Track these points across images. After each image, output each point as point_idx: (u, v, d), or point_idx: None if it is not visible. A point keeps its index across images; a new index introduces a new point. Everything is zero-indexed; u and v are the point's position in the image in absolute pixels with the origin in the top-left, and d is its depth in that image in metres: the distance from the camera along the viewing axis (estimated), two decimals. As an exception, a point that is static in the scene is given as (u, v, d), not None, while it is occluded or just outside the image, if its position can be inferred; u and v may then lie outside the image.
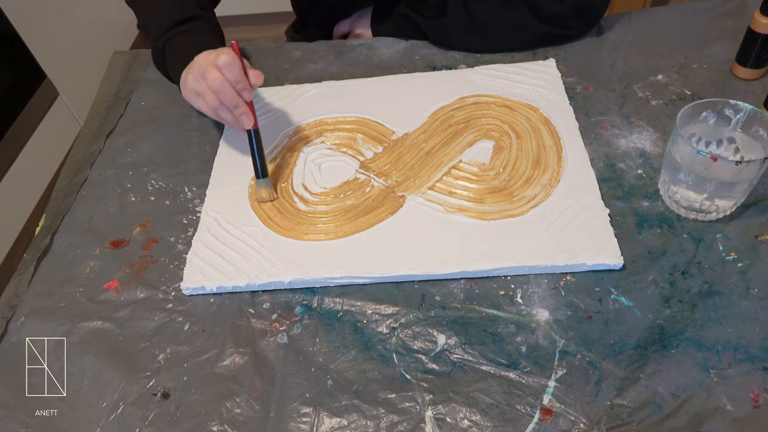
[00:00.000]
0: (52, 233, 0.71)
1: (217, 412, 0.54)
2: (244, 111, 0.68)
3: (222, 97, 0.67)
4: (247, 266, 0.63)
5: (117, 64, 0.96)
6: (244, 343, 0.59)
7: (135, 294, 0.64)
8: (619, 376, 0.53)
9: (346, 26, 1.01)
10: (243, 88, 0.67)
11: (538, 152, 0.71)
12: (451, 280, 0.61)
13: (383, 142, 0.75)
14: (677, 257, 0.61)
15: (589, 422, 0.51)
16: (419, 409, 0.53)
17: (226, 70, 0.66)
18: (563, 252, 0.60)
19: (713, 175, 0.58)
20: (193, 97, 0.71)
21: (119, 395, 0.56)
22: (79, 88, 1.88)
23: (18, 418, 0.56)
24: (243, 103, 0.68)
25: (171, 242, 0.69)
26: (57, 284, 0.66)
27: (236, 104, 0.67)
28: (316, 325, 0.60)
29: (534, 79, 0.81)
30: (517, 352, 0.55)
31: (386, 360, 0.56)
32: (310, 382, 0.56)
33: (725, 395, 0.51)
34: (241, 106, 0.67)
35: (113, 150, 0.82)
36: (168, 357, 0.59)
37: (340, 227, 0.66)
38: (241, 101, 0.67)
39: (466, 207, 0.66)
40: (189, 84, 0.70)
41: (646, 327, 0.56)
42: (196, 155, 0.79)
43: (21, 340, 0.62)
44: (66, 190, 0.77)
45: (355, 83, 0.85)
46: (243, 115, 0.68)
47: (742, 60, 0.76)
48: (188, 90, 0.71)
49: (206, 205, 0.71)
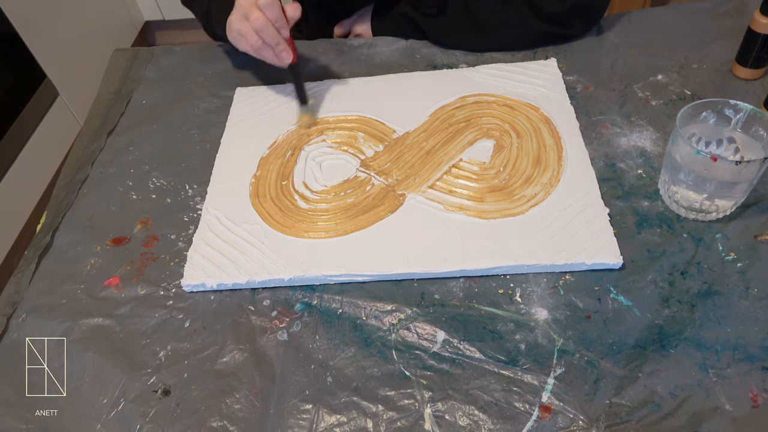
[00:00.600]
0: (53, 231, 0.72)
1: (217, 409, 0.55)
2: (284, 48, 0.73)
3: (264, 36, 0.72)
4: (247, 264, 0.64)
5: (117, 62, 0.96)
6: (244, 340, 0.59)
7: (136, 291, 0.64)
8: (618, 375, 0.53)
9: (347, 26, 1.01)
10: (282, 26, 0.72)
11: (538, 151, 0.71)
12: (451, 278, 0.62)
13: (384, 141, 0.76)
14: (677, 257, 0.61)
15: (587, 420, 0.51)
16: (418, 406, 0.53)
17: (267, 10, 0.71)
18: (563, 251, 0.61)
19: (713, 175, 0.58)
20: (237, 38, 0.76)
21: (120, 392, 0.57)
22: (79, 87, 1.88)
23: (19, 415, 0.56)
24: (282, 41, 0.73)
25: (172, 239, 0.69)
26: (58, 281, 0.67)
27: (277, 41, 0.72)
28: (315, 322, 0.60)
29: (535, 78, 0.81)
30: (516, 350, 0.56)
31: (386, 357, 0.56)
32: (309, 379, 0.56)
33: (724, 395, 0.51)
34: (281, 43, 0.73)
35: (114, 148, 0.82)
36: (168, 354, 0.59)
37: (340, 225, 0.66)
38: (280, 38, 0.73)
39: (466, 206, 0.66)
40: (233, 25, 0.74)
41: (645, 326, 0.56)
42: (197, 153, 0.79)
43: (22, 337, 0.62)
44: (67, 188, 0.77)
45: (355, 82, 0.85)
46: (283, 51, 0.73)
47: (742, 60, 0.76)
48: (233, 31, 0.75)
49: (207, 203, 0.71)
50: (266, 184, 0.72)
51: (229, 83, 0.89)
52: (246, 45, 0.74)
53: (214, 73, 0.91)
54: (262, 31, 0.71)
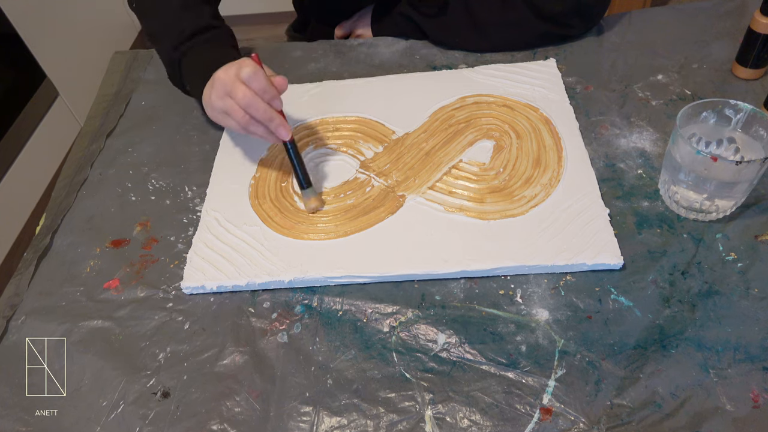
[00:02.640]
0: (53, 232, 0.72)
1: (217, 411, 0.55)
2: (280, 122, 0.65)
3: (254, 112, 0.64)
4: (247, 265, 0.64)
5: (117, 64, 0.96)
6: (244, 342, 0.59)
7: (135, 293, 0.64)
8: (619, 375, 0.53)
9: (347, 27, 1.01)
10: (272, 98, 0.65)
11: (538, 152, 0.71)
12: (451, 279, 0.61)
13: (383, 142, 0.76)
14: (677, 257, 0.61)
15: (588, 422, 0.51)
16: (419, 409, 0.53)
17: (252, 83, 0.63)
18: (563, 252, 0.60)
19: (713, 175, 0.58)
20: (220, 117, 0.68)
21: (119, 394, 0.56)
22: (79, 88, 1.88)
23: (18, 417, 0.56)
24: (277, 115, 0.65)
25: (171, 241, 0.69)
26: (57, 283, 0.66)
27: (270, 117, 0.64)
28: (316, 324, 0.60)
29: (534, 78, 0.81)
30: (516, 351, 0.55)
31: (386, 359, 0.56)
32: (310, 381, 0.56)
33: (725, 395, 0.51)
34: (275, 118, 0.65)
35: (114, 149, 0.82)
36: (168, 356, 0.59)
37: (340, 227, 0.66)
38: (273, 112, 0.65)
39: (467, 207, 0.66)
40: (214, 104, 0.67)
41: (646, 327, 0.56)
42: (196, 154, 0.79)
43: (21, 339, 0.62)
44: (66, 190, 0.77)
45: (355, 83, 0.85)
46: (279, 126, 0.65)
47: (742, 60, 0.76)
48: (214, 110, 0.68)
49: (206, 205, 0.71)
50: (266, 186, 0.72)
51: (229, 84, 0.89)
52: (232, 123, 0.66)
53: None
54: (250, 107, 0.63)
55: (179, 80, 0.80)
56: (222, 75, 0.66)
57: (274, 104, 0.65)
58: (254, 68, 0.64)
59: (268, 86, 0.64)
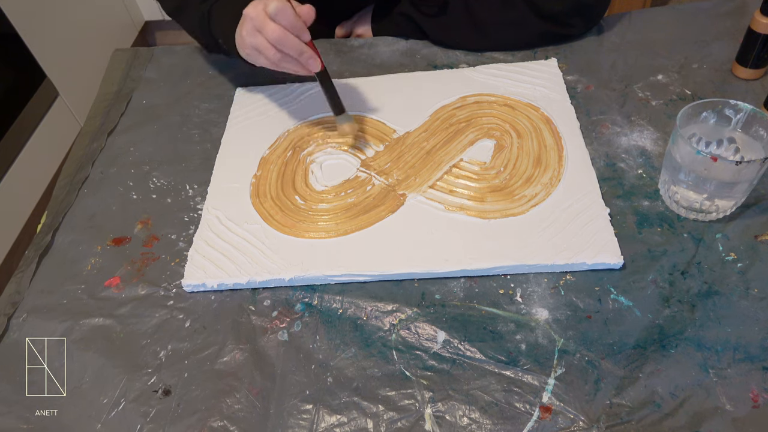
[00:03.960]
0: (54, 231, 0.72)
1: (218, 409, 0.55)
2: (310, 55, 0.66)
3: (284, 47, 0.65)
4: (248, 263, 0.64)
5: (118, 62, 0.96)
6: (245, 340, 0.59)
7: (136, 291, 0.64)
8: (618, 375, 0.53)
9: (348, 27, 1.01)
10: (300, 31, 0.65)
11: (538, 151, 0.71)
12: (451, 278, 0.62)
13: (384, 141, 0.76)
14: (677, 257, 0.61)
15: (588, 420, 0.51)
16: (419, 407, 0.53)
17: (280, 18, 0.64)
18: (563, 251, 0.61)
19: (713, 175, 0.58)
20: (252, 54, 0.69)
21: (120, 392, 0.57)
22: (79, 88, 1.88)
23: (19, 415, 0.56)
24: (306, 48, 0.66)
25: (172, 239, 0.69)
26: (58, 281, 0.67)
27: (301, 50, 0.66)
28: (316, 322, 0.60)
29: (535, 78, 0.81)
30: (516, 350, 0.56)
31: (386, 357, 0.57)
32: (310, 379, 0.56)
33: (724, 395, 0.51)
34: (305, 51, 0.66)
35: (115, 148, 0.82)
36: (169, 354, 0.59)
37: (340, 225, 0.66)
38: (303, 46, 0.66)
39: (467, 206, 0.66)
40: (246, 41, 0.68)
41: (646, 327, 0.56)
42: (197, 153, 0.79)
43: (22, 337, 0.62)
44: (67, 188, 0.77)
45: (356, 82, 0.85)
46: (310, 59, 0.67)
47: (742, 60, 0.76)
48: (246, 47, 0.69)
49: (207, 203, 0.71)
50: (267, 184, 0.72)
51: (230, 83, 0.89)
52: (264, 60, 0.68)
53: (214, 73, 0.91)
54: (281, 42, 0.64)
55: (210, 37, 0.80)
56: (251, 11, 0.66)
57: (302, 37, 0.66)
58: (281, 2, 0.64)
59: (296, 20, 0.65)
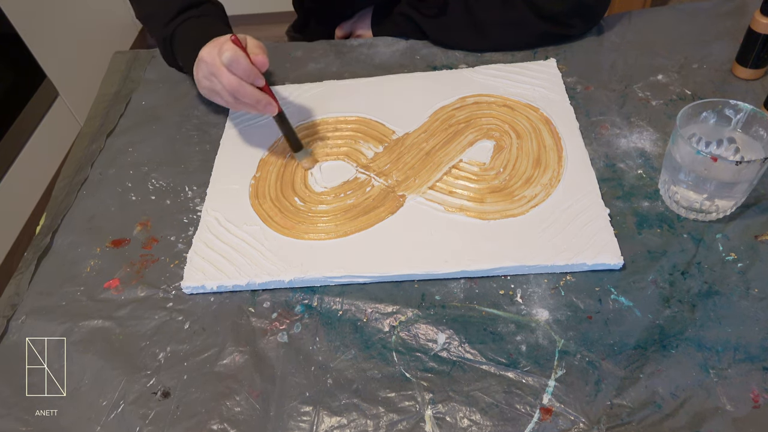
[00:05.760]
0: (53, 232, 0.72)
1: (217, 411, 0.55)
2: (267, 102, 0.68)
3: (241, 97, 0.67)
4: (247, 265, 0.64)
5: (117, 63, 0.96)
6: (244, 342, 0.59)
7: (135, 293, 0.64)
8: (619, 376, 0.53)
9: (347, 27, 1.01)
10: (255, 78, 0.67)
11: (538, 152, 0.71)
12: (451, 279, 0.61)
13: (384, 142, 0.76)
14: (677, 257, 0.61)
15: (588, 422, 0.51)
16: (419, 408, 0.53)
17: (234, 68, 0.66)
18: (563, 252, 0.60)
19: (713, 175, 0.58)
20: (210, 95, 0.72)
21: (120, 394, 0.56)
22: (79, 88, 1.88)
23: (18, 417, 0.56)
24: (263, 95, 0.68)
25: (171, 241, 0.69)
26: (57, 283, 0.66)
27: (257, 99, 0.68)
28: (316, 324, 0.60)
29: (534, 78, 0.81)
30: (516, 351, 0.55)
31: (386, 359, 0.56)
32: (310, 381, 0.56)
33: (725, 395, 0.51)
34: (261, 99, 0.68)
35: (114, 149, 0.82)
36: (168, 356, 0.59)
37: (340, 226, 0.66)
38: (260, 94, 0.68)
39: (467, 206, 0.66)
40: (202, 83, 0.71)
41: (646, 327, 0.56)
42: (196, 154, 0.79)
43: (21, 338, 0.62)
44: (66, 189, 0.77)
45: (355, 83, 0.85)
46: (267, 105, 0.69)
47: (742, 60, 0.76)
48: (204, 89, 0.72)
49: (207, 204, 0.71)
50: (266, 186, 0.72)
51: (229, 84, 0.89)
52: (221, 101, 0.71)
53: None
54: (236, 92, 0.67)
55: (172, 58, 0.82)
56: (206, 56, 0.69)
57: (257, 83, 0.68)
58: (234, 52, 0.65)
59: (250, 69, 0.66)
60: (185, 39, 0.77)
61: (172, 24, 0.77)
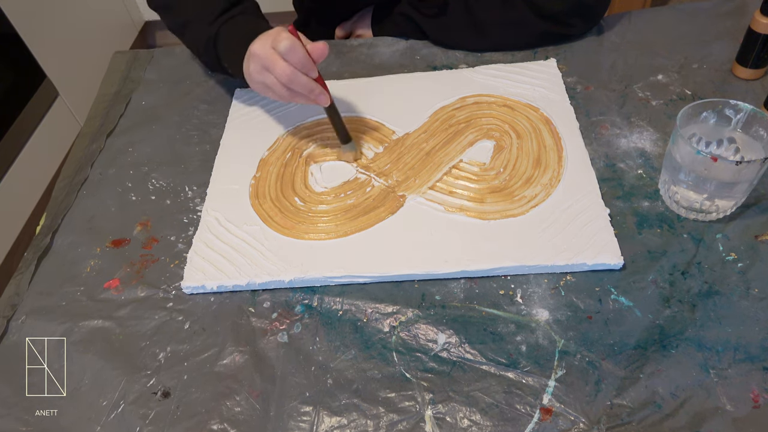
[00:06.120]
0: (53, 232, 0.72)
1: (218, 411, 0.55)
2: (320, 92, 0.67)
3: (294, 86, 0.66)
4: (247, 265, 0.64)
5: (117, 63, 0.96)
6: (245, 342, 0.59)
7: (135, 293, 0.64)
8: (619, 376, 0.53)
9: (347, 27, 1.01)
10: (310, 69, 0.66)
11: (538, 152, 0.71)
12: (451, 279, 0.61)
13: (384, 142, 0.76)
14: (677, 257, 0.61)
15: (588, 422, 0.51)
16: (419, 408, 0.53)
17: (291, 57, 0.64)
18: (563, 252, 0.60)
19: (713, 175, 0.58)
20: (261, 89, 0.70)
21: (120, 394, 0.56)
22: (79, 88, 1.88)
23: (19, 417, 0.56)
24: (316, 85, 0.67)
25: (171, 241, 0.69)
26: (57, 283, 0.66)
27: (311, 89, 0.66)
28: (316, 324, 0.60)
29: (535, 78, 0.81)
30: (517, 351, 0.55)
31: (386, 359, 0.56)
32: (310, 381, 0.56)
33: (725, 395, 0.51)
34: (315, 88, 0.67)
35: (114, 149, 0.82)
36: (168, 356, 0.59)
37: (340, 226, 0.66)
38: (313, 84, 0.67)
39: (467, 207, 0.66)
40: (254, 76, 0.69)
41: (646, 327, 0.56)
42: (196, 154, 0.79)
43: (21, 338, 0.62)
44: (66, 189, 0.77)
45: (355, 83, 0.85)
46: (320, 95, 0.68)
47: (743, 60, 0.76)
48: (255, 83, 0.70)
49: (207, 204, 0.71)
50: (266, 186, 0.72)
51: (229, 84, 0.89)
52: (273, 95, 0.70)
53: (213, 74, 0.91)
54: (291, 82, 0.65)
55: (215, 59, 0.79)
56: (258, 49, 0.67)
57: (311, 74, 0.66)
58: (291, 41, 0.64)
59: (306, 59, 0.65)
60: (231, 37, 0.75)
61: (216, 23, 0.76)
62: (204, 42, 0.78)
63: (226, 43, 0.76)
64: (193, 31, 0.80)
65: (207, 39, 0.77)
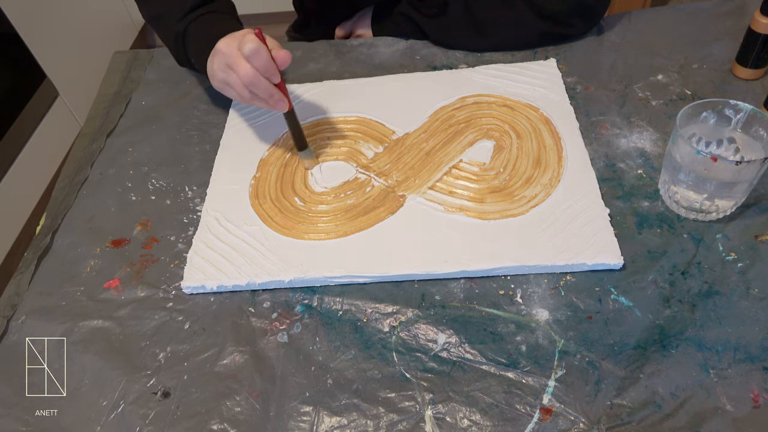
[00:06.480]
0: (53, 232, 0.72)
1: (218, 411, 0.55)
2: (279, 98, 0.67)
3: (255, 90, 0.66)
4: (247, 265, 0.64)
5: (117, 64, 0.96)
6: (245, 342, 0.59)
7: (135, 293, 0.64)
8: (619, 376, 0.53)
9: (347, 27, 1.01)
10: (272, 75, 0.66)
11: (538, 152, 0.71)
12: (451, 279, 0.61)
13: (384, 142, 0.76)
14: (677, 257, 0.61)
15: (588, 422, 0.51)
16: (419, 408, 0.53)
17: (254, 60, 0.64)
18: (563, 252, 0.60)
19: (713, 175, 0.58)
20: (222, 87, 0.70)
21: (120, 394, 0.56)
22: (79, 88, 1.88)
23: (19, 417, 0.56)
24: (276, 91, 0.67)
25: (171, 241, 0.69)
26: (57, 283, 0.66)
27: (270, 93, 0.67)
28: (316, 324, 0.60)
29: (534, 78, 0.81)
30: (516, 351, 0.55)
31: (386, 359, 0.56)
32: (310, 381, 0.56)
33: (725, 395, 0.51)
34: (275, 94, 0.67)
35: (114, 149, 0.82)
36: (168, 356, 0.59)
37: (340, 226, 0.66)
38: (273, 89, 0.66)
39: (467, 207, 0.66)
40: (216, 75, 0.69)
41: (646, 327, 0.56)
42: (196, 154, 0.79)
43: (21, 338, 0.62)
44: (66, 189, 0.77)
45: (355, 83, 0.85)
46: (279, 101, 0.68)
47: (742, 60, 0.76)
48: (217, 81, 0.70)
49: (207, 204, 0.71)
50: (266, 186, 0.72)
51: (229, 84, 0.89)
52: (234, 94, 0.69)
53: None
54: (252, 84, 0.65)
55: (184, 55, 0.80)
56: (223, 47, 0.67)
57: (273, 79, 0.66)
58: (257, 44, 0.64)
59: (270, 64, 0.65)
60: (199, 34, 0.75)
61: (185, 20, 0.76)
62: (173, 37, 0.79)
63: (193, 40, 0.76)
64: (164, 26, 0.81)
65: (176, 35, 0.78)
